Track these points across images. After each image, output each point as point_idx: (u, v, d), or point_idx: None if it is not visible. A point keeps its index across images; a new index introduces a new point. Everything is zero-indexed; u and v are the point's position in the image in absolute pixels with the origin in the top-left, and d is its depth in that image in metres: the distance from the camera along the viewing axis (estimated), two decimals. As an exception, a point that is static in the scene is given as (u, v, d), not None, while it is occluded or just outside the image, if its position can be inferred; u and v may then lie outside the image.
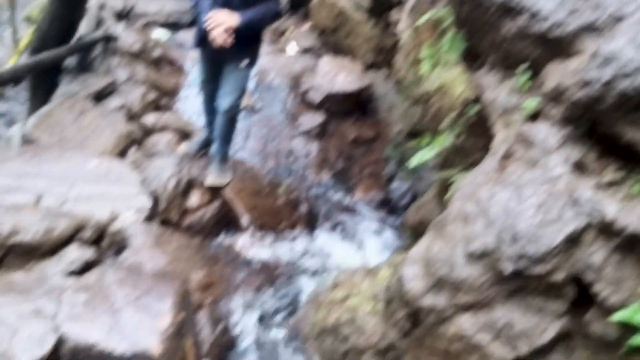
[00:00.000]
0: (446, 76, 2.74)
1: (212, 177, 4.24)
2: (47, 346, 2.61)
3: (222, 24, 3.50)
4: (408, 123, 4.98)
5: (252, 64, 4.01)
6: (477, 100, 2.63)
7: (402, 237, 4.39)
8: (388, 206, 4.90)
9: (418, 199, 4.67)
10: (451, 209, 2.33)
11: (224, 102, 4.02)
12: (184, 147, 4.59)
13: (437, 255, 2.23)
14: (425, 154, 2.74)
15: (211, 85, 4.20)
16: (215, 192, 4.27)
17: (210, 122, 4.44)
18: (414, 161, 2.77)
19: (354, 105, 5.70)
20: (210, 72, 4.15)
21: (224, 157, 4.30)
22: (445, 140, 2.72)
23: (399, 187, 4.98)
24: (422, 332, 2.26)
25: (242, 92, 4.07)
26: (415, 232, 3.51)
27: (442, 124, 2.79)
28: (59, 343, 2.60)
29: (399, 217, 4.76)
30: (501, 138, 2.44)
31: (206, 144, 4.49)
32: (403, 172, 5.10)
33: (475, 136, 2.72)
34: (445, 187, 3.03)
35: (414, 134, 4.86)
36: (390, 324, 2.41)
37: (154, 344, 2.54)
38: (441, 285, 2.19)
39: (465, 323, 2.14)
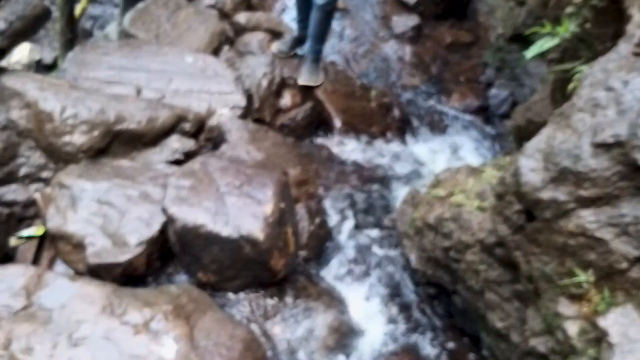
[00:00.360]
0: (576, -46, 2.48)
1: (305, 77, 4.14)
2: (156, 227, 2.71)
3: None
4: (510, 26, 4.68)
5: None
6: (611, -19, 2.37)
7: (503, 143, 4.21)
8: (485, 113, 4.68)
9: (519, 105, 4.43)
10: (577, 98, 2.14)
11: None
12: (275, 46, 4.50)
13: (560, 146, 2.08)
14: (545, 43, 2.52)
15: None
16: (307, 93, 4.20)
17: (301, 20, 4.28)
18: (532, 51, 2.56)
19: (451, 7, 5.39)
20: None
21: (317, 57, 4.17)
22: (568, 29, 2.49)
23: (497, 94, 4.73)
24: (537, 227, 2.15)
25: None
26: (521, 135, 3.33)
27: (566, 10, 2.55)
28: (167, 223, 2.68)
29: (497, 124, 4.56)
30: (638, 21, 2.20)
31: (297, 43, 4.37)
32: (502, 79, 4.84)
33: (604, 24, 2.47)
34: (563, 82, 2.81)
35: (517, 37, 4.56)
36: (500, 220, 2.30)
37: (258, 229, 2.57)
38: (563, 177, 2.05)
39: (588, 217, 2.01)
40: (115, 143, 3.17)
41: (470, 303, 2.60)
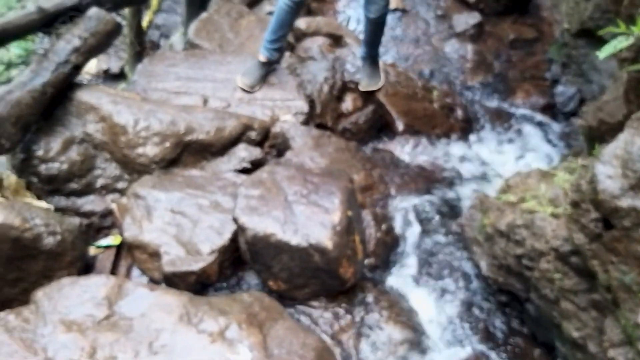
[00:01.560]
0: (654, -50, 2.38)
1: (366, 82, 4.12)
2: (227, 235, 2.78)
3: None
4: (576, 20, 4.52)
5: None
6: (691, -23, 2.27)
7: (571, 141, 4.09)
8: (551, 111, 4.56)
9: (587, 102, 4.30)
10: (657, 101, 2.07)
11: (373, 9, 3.74)
12: (241, 81, 3.86)
13: (639, 153, 2.01)
14: (619, 43, 2.42)
15: None
16: (368, 96, 4.19)
17: (279, 39, 3.87)
18: (605, 51, 2.46)
19: (513, 3, 5.26)
20: None
21: (374, 60, 4.13)
22: (645, 27, 2.40)
23: (564, 91, 4.60)
24: (615, 235, 2.08)
25: None
26: (592, 135, 3.23)
27: (642, 9, 2.46)
28: (238, 232, 2.75)
29: (564, 123, 4.44)
30: None
31: (266, 69, 3.94)
32: (569, 75, 4.70)
33: (684, 21, 2.37)
34: (638, 82, 2.72)
35: (583, 32, 4.41)
36: (576, 228, 2.24)
37: (327, 237, 2.59)
38: (643, 185, 1.98)
39: (671, 226, 1.94)
40: (186, 153, 3.26)
41: (545, 312, 2.54)
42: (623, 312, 2.11)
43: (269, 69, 3.97)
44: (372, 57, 4.10)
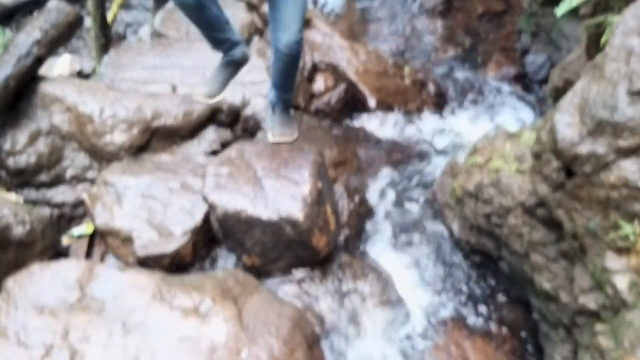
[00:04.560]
0: None
1: (277, 132, 3.15)
2: (199, 216, 2.77)
3: None
4: (543, -11, 4.56)
5: None
6: None
7: (543, 109, 4.12)
8: (523, 81, 4.59)
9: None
10: (610, 47, 2.08)
11: (284, 38, 2.80)
12: (201, 94, 3.14)
13: (595, 98, 2.02)
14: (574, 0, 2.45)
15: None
16: (339, 75, 4.19)
17: (216, 40, 3.20)
18: (562, 8, 2.50)
19: (480, -23, 5.29)
20: None
21: (287, 106, 3.26)
22: (598, -21, 2.42)
23: (534, 60, 4.63)
24: (577, 182, 2.10)
25: (305, 14, 2.86)
26: (559, 96, 3.25)
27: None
28: (209, 211, 2.74)
29: (536, 91, 4.46)
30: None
31: (233, 69, 3.23)
32: (539, 44, 4.72)
33: (635, -30, 2.38)
34: (597, 36, 2.73)
35: (551, 0, 4.44)
36: (540, 179, 2.26)
37: (297, 209, 2.59)
38: (600, 129, 1.99)
39: (629, 168, 1.95)
40: (155, 139, 3.25)
41: (517, 267, 2.56)
42: (591, 258, 2.13)
43: (233, 69, 3.21)
44: (284, 102, 3.22)
